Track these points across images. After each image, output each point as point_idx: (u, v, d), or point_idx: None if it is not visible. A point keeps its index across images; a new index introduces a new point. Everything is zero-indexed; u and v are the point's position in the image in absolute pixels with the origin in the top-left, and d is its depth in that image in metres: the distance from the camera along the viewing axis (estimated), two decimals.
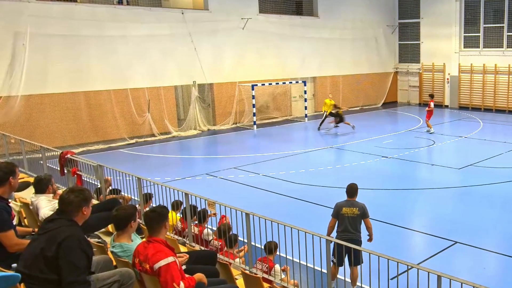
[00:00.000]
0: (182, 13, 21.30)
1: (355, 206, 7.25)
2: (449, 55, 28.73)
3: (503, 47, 26.74)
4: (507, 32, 26.49)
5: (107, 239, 6.21)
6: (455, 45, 28.38)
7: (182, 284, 4.46)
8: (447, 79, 29.12)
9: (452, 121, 25.11)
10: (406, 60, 31.45)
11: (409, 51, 31.25)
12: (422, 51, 30.19)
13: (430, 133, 20.38)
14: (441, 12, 28.54)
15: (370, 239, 7.44)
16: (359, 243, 7.07)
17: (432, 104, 20.60)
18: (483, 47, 27.54)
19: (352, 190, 7.42)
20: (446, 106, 29.20)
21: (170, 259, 4.50)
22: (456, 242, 9.30)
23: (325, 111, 21.91)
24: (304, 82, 25.23)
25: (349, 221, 7.23)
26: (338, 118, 21.52)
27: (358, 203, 7.34)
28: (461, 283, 4.52)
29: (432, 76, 29.84)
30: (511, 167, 14.84)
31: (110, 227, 6.90)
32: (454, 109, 28.43)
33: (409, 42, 31.10)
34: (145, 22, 20.20)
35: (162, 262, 4.45)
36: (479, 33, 27.55)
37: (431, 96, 21.48)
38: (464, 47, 28.35)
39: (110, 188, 8.88)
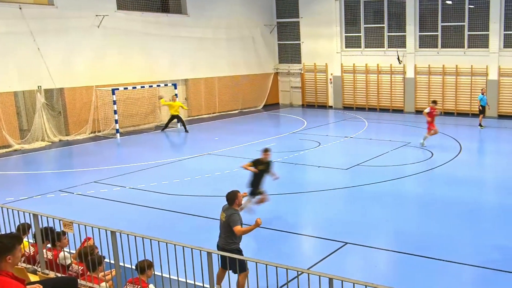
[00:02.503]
0: (20, 8, 20.19)
1: (225, 212, 7.60)
2: (331, 55, 30.69)
3: (384, 47, 29.23)
4: (388, 32, 29.06)
5: None
6: (337, 45, 30.42)
7: None
8: (330, 79, 31.06)
9: (337, 121, 26.80)
10: (286, 61, 32.98)
11: (289, 51, 32.83)
12: (303, 51, 31.90)
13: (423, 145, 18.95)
14: (321, 12, 30.43)
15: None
16: (233, 251, 7.27)
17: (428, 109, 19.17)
18: (365, 47, 29.89)
19: (227, 197, 7.73)
20: (330, 107, 31.10)
21: None
22: (346, 243, 9.90)
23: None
24: (175, 85, 25.17)
25: (220, 225, 7.74)
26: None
27: (230, 210, 7.60)
28: (353, 284, 4.84)
29: (315, 77, 31.64)
30: (398, 165, 16.22)
31: None
32: (338, 110, 30.39)
33: (289, 42, 32.65)
34: None
35: None
36: (360, 33, 29.87)
37: (434, 102, 19.90)
38: (346, 47, 30.51)
39: None
